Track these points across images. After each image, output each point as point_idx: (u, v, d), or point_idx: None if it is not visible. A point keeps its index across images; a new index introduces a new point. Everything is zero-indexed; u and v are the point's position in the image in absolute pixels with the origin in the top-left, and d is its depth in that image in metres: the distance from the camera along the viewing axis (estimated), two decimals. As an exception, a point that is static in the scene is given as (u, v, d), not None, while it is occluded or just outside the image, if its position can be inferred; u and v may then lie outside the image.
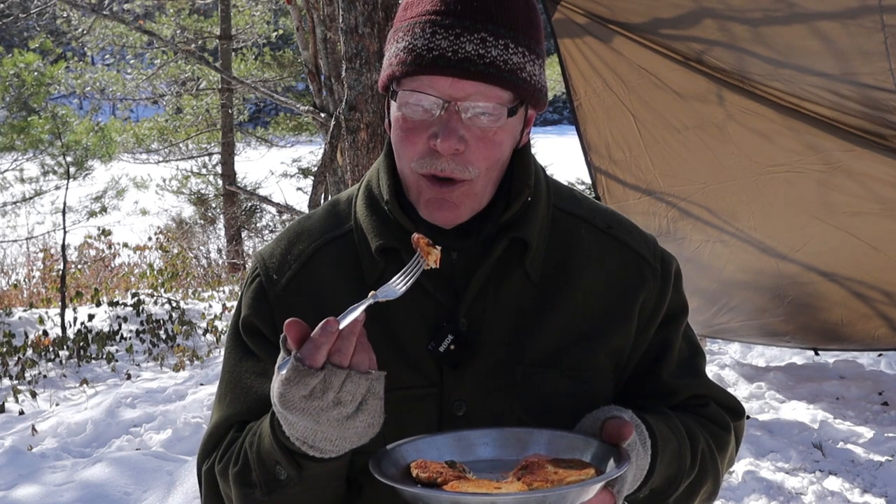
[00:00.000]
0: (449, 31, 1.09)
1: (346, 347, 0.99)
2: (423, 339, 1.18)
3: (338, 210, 1.28)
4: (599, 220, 1.27)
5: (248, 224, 15.26)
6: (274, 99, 7.86)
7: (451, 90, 1.09)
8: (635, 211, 5.03)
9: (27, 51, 9.59)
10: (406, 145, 1.14)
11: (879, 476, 4.05)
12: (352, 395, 0.99)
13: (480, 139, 1.12)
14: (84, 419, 5.03)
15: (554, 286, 1.21)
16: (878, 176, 4.19)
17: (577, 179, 16.37)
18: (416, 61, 1.09)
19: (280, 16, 15.27)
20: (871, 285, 4.74)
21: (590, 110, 4.78)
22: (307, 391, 0.98)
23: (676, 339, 1.28)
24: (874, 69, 3.61)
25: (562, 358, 1.20)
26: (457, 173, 1.12)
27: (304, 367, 0.97)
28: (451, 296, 1.19)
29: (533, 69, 1.14)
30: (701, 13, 3.97)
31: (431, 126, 1.11)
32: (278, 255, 1.26)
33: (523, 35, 1.12)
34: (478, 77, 1.08)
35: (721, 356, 6.11)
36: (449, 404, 1.18)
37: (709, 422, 1.26)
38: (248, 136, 16.34)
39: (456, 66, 1.08)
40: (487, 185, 1.17)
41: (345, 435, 1.03)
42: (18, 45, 12.69)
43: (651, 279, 1.25)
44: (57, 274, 10.01)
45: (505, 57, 1.09)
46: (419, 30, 1.10)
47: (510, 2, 1.12)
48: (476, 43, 1.08)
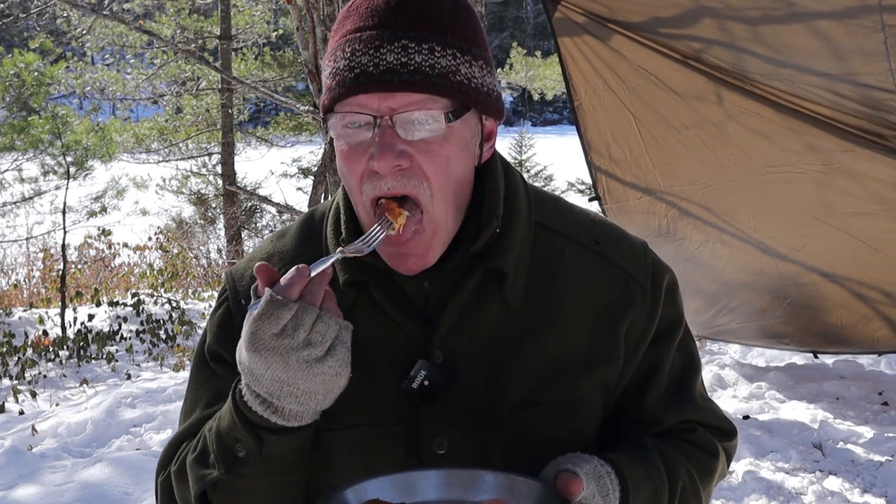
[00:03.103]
0: (368, 46, 1.02)
1: (317, 290, 0.99)
2: (396, 373, 1.13)
3: (310, 230, 1.23)
4: (585, 237, 1.20)
5: (248, 224, 15.26)
6: (274, 99, 7.85)
7: (379, 106, 1.03)
8: (635, 210, 5.03)
9: (27, 51, 9.58)
10: (349, 174, 1.07)
11: (879, 476, 4.05)
12: (322, 335, 0.98)
13: (424, 152, 1.04)
14: (84, 419, 5.03)
15: (536, 314, 1.15)
16: (878, 176, 4.19)
17: (577, 179, 16.38)
18: (341, 84, 1.03)
19: (280, 16, 15.26)
20: (872, 286, 4.74)
21: (590, 110, 4.78)
22: (278, 328, 0.96)
23: (667, 357, 1.22)
24: (874, 69, 3.61)
25: (546, 394, 1.14)
26: (407, 189, 1.05)
27: (279, 297, 0.96)
28: (424, 327, 1.13)
29: (471, 71, 1.06)
30: (700, 12, 3.97)
31: (370, 148, 1.04)
32: (248, 278, 1.21)
33: (452, 36, 1.05)
34: (404, 87, 1.01)
35: (721, 356, 6.11)
36: (429, 441, 1.13)
37: (695, 448, 1.21)
38: (248, 135, 16.34)
39: (378, 79, 1.01)
40: (447, 209, 1.09)
41: (312, 386, 0.99)
42: (18, 45, 12.68)
43: (640, 301, 1.18)
44: (57, 274, 10.02)
45: (431, 61, 1.02)
46: (341, 52, 1.05)
47: (433, 4, 1.05)
48: (397, 52, 1.01)
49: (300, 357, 0.98)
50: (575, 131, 4.99)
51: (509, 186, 1.18)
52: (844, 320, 4.96)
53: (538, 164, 17.50)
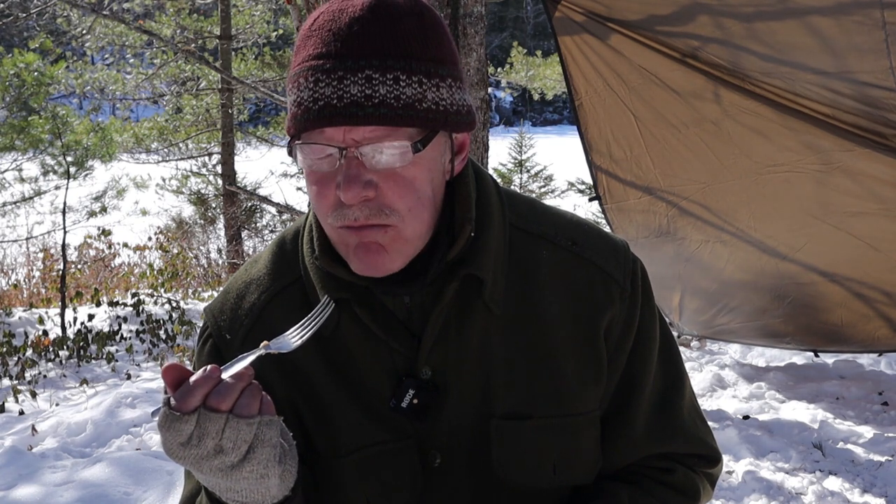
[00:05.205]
0: (331, 76, 0.98)
1: (226, 391, 0.93)
2: (387, 392, 1.12)
3: (284, 254, 1.20)
4: (562, 237, 1.18)
5: (248, 224, 15.26)
6: (274, 99, 7.85)
7: (345, 137, 1.00)
8: (635, 210, 5.03)
9: (27, 51, 9.57)
10: (319, 199, 1.04)
11: (879, 476, 4.05)
12: (233, 441, 0.92)
13: (390, 179, 1.01)
14: (84, 419, 5.03)
15: (519, 320, 1.13)
16: (878, 176, 4.19)
17: (578, 179, 16.38)
18: (305, 115, 1.00)
19: (280, 16, 15.26)
20: (872, 285, 4.73)
21: (591, 109, 4.79)
22: (183, 438, 0.92)
23: (648, 373, 1.19)
24: (873, 67, 3.60)
25: (536, 405, 1.13)
26: (372, 219, 1.02)
27: (173, 411, 0.92)
28: (410, 342, 1.11)
29: (438, 94, 1.02)
30: (695, 9, 3.97)
31: (337, 176, 1.01)
32: (228, 311, 1.19)
33: (418, 61, 1.00)
34: (368, 121, 0.98)
35: (721, 356, 6.11)
36: (425, 454, 1.13)
37: (674, 493, 1.19)
38: (248, 135, 16.34)
39: (343, 112, 0.97)
40: (418, 227, 1.06)
41: (236, 487, 0.96)
42: (18, 45, 12.68)
43: (618, 300, 1.16)
44: (57, 274, 10.01)
45: (396, 92, 0.98)
46: (303, 79, 1.01)
47: (397, 28, 1.00)
48: (361, 84, 0.97)
49: (212, 465, 0.94)
50: (575, 131, 4.99)
51: (480, 190, 1.15)
52: (844, 320, 4.95)
53: (538, 164, 17.50)
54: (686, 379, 1.25)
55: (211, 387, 0.93)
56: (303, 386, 1.14)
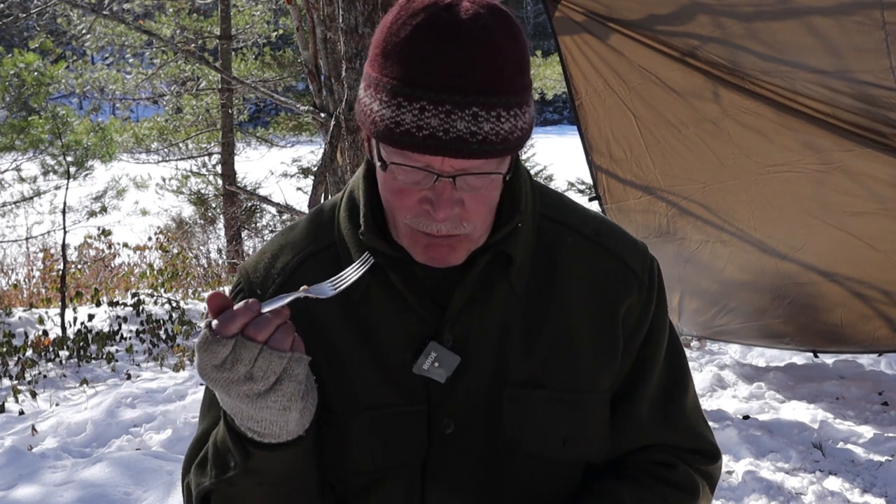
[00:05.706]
0: (439, 109, 1.00)
1: (264, 323, 1.00)
2: (409, 356, 1.16)
3: (321, 221, 1.25)
4: (587, 228, 1.23)
5: (248, 224, 15.26)
6: (274, 99, 7.86)
7: (443, 165, 1.04)
8: (635, 210, 5.03)
9: (27, 51, 9.58)
10: (398, 204, 1.09)
11: (879, 476, 4.05)
12: (263, 371, 0.99)
13: (476, 198, 1.07)
14: (84, 419, 5.03)
15: (540, 299, 1.18)
16: (878, 175, 4.19)
17: (578, 179, 16.37)
18: (405, 138, 1.01)
19: (280, 16, 15.26)
20: (871, 285, 4.73)
21: (591, 109, 4.79)
22: (218, 361, 0.99)
23: (656, 363, 1.24)
24: (873, 66, 3.60)
25: (550, 377, 1.17)
26: (453, 230, 1.08)
27: (213, 334, 0.98)
28: (435, 311, 1.16)
29: (524, 120, 1.06)
30: (694, 8, 3.98)
31: (424, 190, 1.06)
32: (262, 269, 1.24)
33: (514, 94, 1.03)
34: (470, 156, 1.01)
35: (721, 356, 6.11)
36: (438, 422, 1.17)
37: (674, 490, 1.23)
38: (248, 135, 16.35)
39: (448, 146, 1.00)
40: (485, 230, 1.13)
41: (258, 415, 1.02)
42: (18, 45, 12.68)
43: (637, 290, 1.21)
44: (57, 274, 10.01)
45: (497, 128, 1.02)
46: (406, 101, 1.01)
47: (500, 62, 1.02)
48: (468, 120, 1.00)
49: (241, 391, 1.00)
50: (575, 131, 4.99)
51: (524, 180, 1.22)
52: (844, 319, 4.95)
53: (538, 163, 17.50)
54: (690, 380, 1.30)
55: (250, 318, 0.99)
56: (325, 345, 1.17)
